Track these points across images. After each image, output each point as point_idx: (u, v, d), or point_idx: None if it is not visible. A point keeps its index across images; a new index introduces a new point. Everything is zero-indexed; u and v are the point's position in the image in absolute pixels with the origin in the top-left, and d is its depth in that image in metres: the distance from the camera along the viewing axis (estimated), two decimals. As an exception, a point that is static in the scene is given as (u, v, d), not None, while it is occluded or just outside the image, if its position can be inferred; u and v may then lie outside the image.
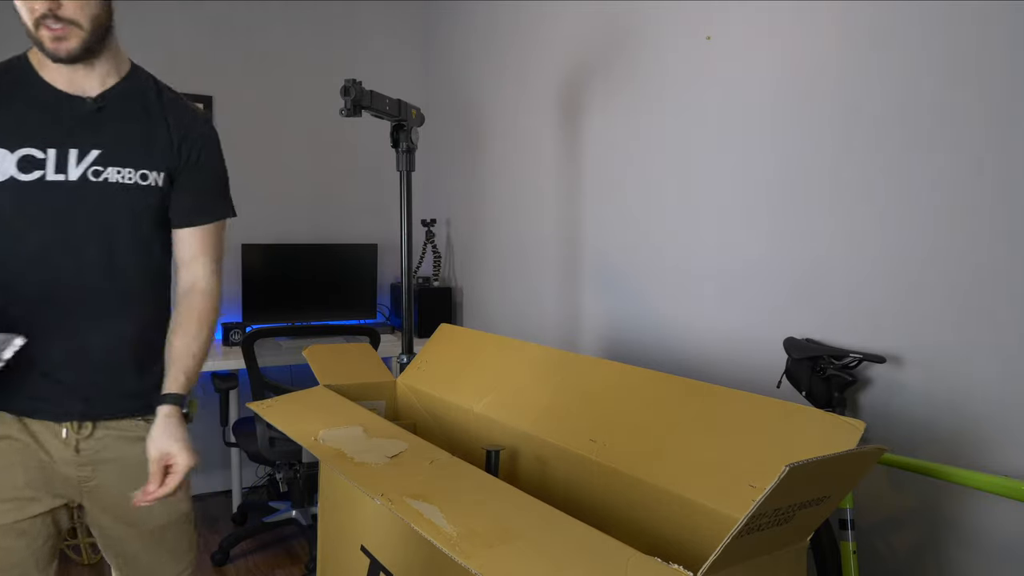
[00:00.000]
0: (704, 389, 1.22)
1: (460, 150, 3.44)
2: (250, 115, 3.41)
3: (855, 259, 1.68)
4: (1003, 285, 1.42)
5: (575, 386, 1.43)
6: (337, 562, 1.55)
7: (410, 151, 2.17)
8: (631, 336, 2.38)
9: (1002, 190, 1.41)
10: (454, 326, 1.85)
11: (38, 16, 1.18)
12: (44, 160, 1.24)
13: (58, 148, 1.25)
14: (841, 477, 0.87)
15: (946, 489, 1.52)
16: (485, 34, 3.21)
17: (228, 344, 3.10)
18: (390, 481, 1.11)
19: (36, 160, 1.23)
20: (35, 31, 1.19)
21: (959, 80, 1.48)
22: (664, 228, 2.24)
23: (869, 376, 1.65)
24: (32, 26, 1.19)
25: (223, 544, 2.76)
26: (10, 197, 1.22)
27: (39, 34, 1.19)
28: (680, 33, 2.15)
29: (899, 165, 1.59)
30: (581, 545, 0.90)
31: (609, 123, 2.45)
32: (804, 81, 1.80)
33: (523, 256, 2.97)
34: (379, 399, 1.77)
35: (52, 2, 1.17)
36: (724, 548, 0.76)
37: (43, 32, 1.19)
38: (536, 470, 1.41)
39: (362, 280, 3.52)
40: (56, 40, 1.19)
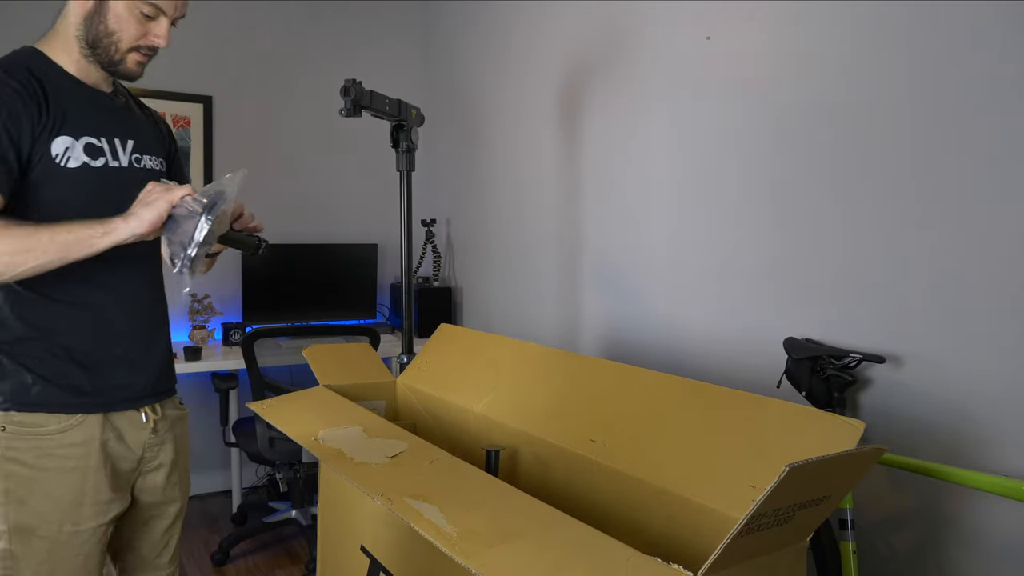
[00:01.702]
0: (704, 389, 1.22)
1: (460, 150, 3.44)
2: (250, 115, 3.40)
3: (855, 259, 1.68)
4: (1003, 285, 1.42)
5: (575, 386, 1.43)
6: (337, 562, 1.55)
7: (410, 151, 2.17)
8: (631, 336, 2.38)
9: (1002, 190, 1.41)
10: (454, 326, 1.85)
11: (141, 44, 1.30)
12: (102, 147, 1.31)
13: (107, 136, 1.32)
14: (841, 477, 0.87)
15: (946, 489, 1.52)
16: (485, 34, 3.21)
17: (228, 344, 3.10)
18: (390, 481, 1.11)
19: (96, 147, 1.30)
20: (124, 52, 1.29)
21: (959, 79, 1.48)
22: (664, 228, 2.24)
23: (869, 376, 1.65)
24: (124, 48, 1.29)
25: (223, 544, 2.76)
26: (84, 182, 1.28)
27: (127, 55, 1.30)
28: (680, 33, 2.15)
29: (900, 165, 1.59)
30: (581, 545, 0.90)
31: (609, 123, 2.45)
32: (804, 81, 1.79)
33: (523, 256, 2.97)
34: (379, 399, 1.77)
35: (164, 40, 1.31)
36: (724, 548, 0.76)
37: (133, 56, 1.30)
38: (536, 470, 1.41)
39: (362, 280, 3.52)
40: (140, 65, 1.33)
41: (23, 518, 1.26)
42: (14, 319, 1.27)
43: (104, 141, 1.31)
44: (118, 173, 1.33)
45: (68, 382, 1.29)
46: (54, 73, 1.28)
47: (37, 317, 1.28)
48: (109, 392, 1.33)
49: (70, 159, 1.26)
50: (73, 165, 1.27)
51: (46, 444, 1.27)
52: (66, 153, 1.26)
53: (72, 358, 1.30)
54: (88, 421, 1.30)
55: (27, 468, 1.26)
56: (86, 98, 1.31)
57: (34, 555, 1.27)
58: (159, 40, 1.31)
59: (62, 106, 1.26)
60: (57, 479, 1.28)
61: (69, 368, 1.29)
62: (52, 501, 1.27)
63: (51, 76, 1.28)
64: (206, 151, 3.30)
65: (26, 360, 1.27)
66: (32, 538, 1.27)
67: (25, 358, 1.27)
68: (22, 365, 1.27)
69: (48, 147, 1.24)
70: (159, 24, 1.30)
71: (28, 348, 1.27)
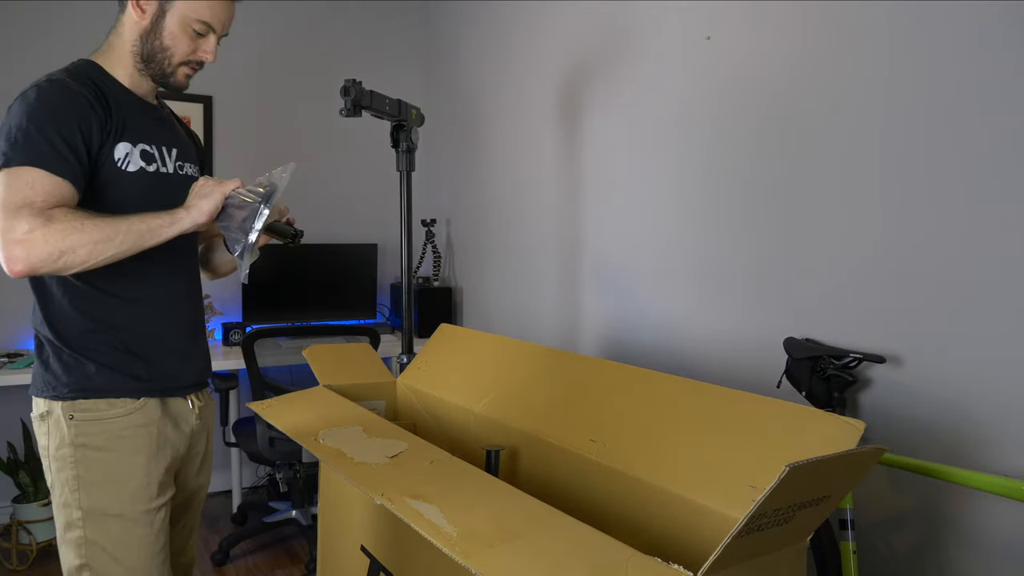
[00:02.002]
0: (704, 389, 1.22)
1: (460, 150, 3.44)
2: (250, 115, 3.40)
3: (855, 259, 1.68)
4: (1003, 285, 1.42)
5: (575, 386, 1.43)
6: (337, 562, 1.55)
7: (410, 151, 2.17)
8: (631, 336, 2.38)
9: (1003, 190, 1.41)
10: (454, 326, 1.85)
11: (191, 59, 1.40)
12: (154, 154, 1.41)
13: (157, 144, 1.42)
14: (841, 477, 0.87)
15: (946, 489, 1.52)
16: (485, 34, 3.21)
17: (228, 344, 3.10)
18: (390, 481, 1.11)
19: (149, 153, 1.40)
20: (175, 66, 1.40)
21: (961, 79, 1.48)
22: (664, 228, 2.24)
23: (869, 376, 1.65)
24: (176, 62, 1.39)
25: (223, 544, 2.76)
26: (140, 185, 1.37)
27: (177, 69, 1.40)
28: (680, 33, 2.15)
29: (900, 165, 1.59)
30: (581, 545, 0.90)
31: (609, 123, 2.45)
32: (804, 81, 1.80)
33: (523, 256, 2.96)
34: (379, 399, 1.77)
35: (212, 55, 1.42)
36: (724, 548, 0.76)
37: (183, 69, 1.41)
38: (536, 470, 1.41)
39: (362, 280, 3.52)
40: (188, 78, 1.43)
41: (96, 502, 1.34)
42: (76, 313, 1.35)
43: (155, 148, 1.41)
44: (167, 179, 1.42)
45: (129, 371, 1.38)
46: (112, 84, 1.37)
47: (96, 311, 1.36)
48: (163, 380, 1.43)
49: (129, 163, 1.36)
50: (132, 169, 1.36)
51: (115, 427, 1.36)
52: (126, 158, 1.35)
53: (129, 349, 1.38)
54: (150, 404, 1.40)
55: (99, 452, 1.35)
56: (139, 108, 1.40)
57: (110, 535, 1.35)
58: (207, 55, 1.42)
59: (121, 114, 1.35)
60: (128, 460, 1.37)
61: (127, 358, 1.38)
62: (124, 481, 1.36)
63: (110, 87, 1.36)
64: (206, 151, 3.30)
65: (89, 352, 1.35)
66: (106, 519, 1.35)
67: (87, 350, 1.35)
68: (86, 356, 1.35)
69: (112, 151, 1.33)
70: (208, 41, 1.41)
71: (89, 340, 1.35)
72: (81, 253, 1.21)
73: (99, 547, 1.34)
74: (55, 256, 1.20)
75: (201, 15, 1.37)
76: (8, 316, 2.99)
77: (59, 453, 1.34)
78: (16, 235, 1.18)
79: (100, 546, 1.34)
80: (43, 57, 3.00)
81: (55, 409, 1.34)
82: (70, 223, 1.21)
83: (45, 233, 1.18)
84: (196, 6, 1.36)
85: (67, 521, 1.35)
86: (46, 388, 1.35)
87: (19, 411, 2.96)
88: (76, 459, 1.33)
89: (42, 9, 3.00)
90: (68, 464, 1.34)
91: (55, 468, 1.35)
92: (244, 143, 3.38)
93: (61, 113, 1.26)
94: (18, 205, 1.19)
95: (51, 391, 1.35)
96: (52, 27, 3.02)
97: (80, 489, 1.34)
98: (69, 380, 1.34)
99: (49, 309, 1.35)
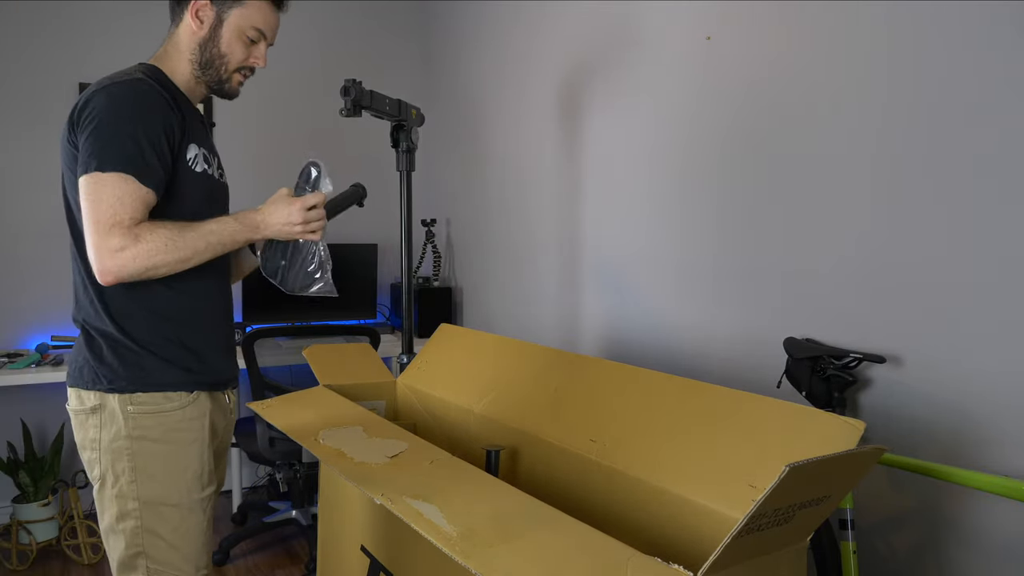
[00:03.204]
0: (704, 389, 1.22)
1: (460, 150, 3.44)
2: (250, 115, 3.40)
3: (856, 259, 1.68)
4: (1004, 285, 1.42)
5: (575, 386, 1.43)
6: (337, 562, 1.55)
7: (410, 151, 2.17)
8: (631, 336, 2.38)
9: (1003, 190, 1.41)
10: (454, 326, 1.85)
11: (244, 66, 1.49)
12: (209, 157, 1.48)
13: (207, 149, 1.48)
14: (841, 477, 0.87)
15: (946, 489, 1.52)
16: (485, 34, 3.21)
17: (228, 344, 3.10)
18: (390, 481, 1.11)
19: (207, 156, 1.47)
20: (230, 73, 1.48)
21: (959, 79, 1.48)
22: (664, 228, 2.24)
23: (869, 376, 1.65)
24: (232, 68, 1.47)
25: (223, 544, 2.76)
26: (204, 187, 1.44)
27: (232, 76, 1.48)
28: (680, 33, 2.15)
29: (900, 165, 1.59)
30: (581, 545, 0.90)
31: (609, 123, 2.45)
32: (804, 80, 1.80)
33: (523, 256, 2.97)
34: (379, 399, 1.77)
35: (263, 61, 1.52)
36: (724, 548, 0.76)
37: (236, 76, 1.50)
38: (536, 470, 1.41)
39: (362, 280, 3.52)
40: (240, 84, 1.52)
41: (153, 492, 1.39)
42: (136, 307, 1.39)
43: (208, 152, 1.48)
44: (216, 183, 1.50)
45: (184, 364, 1.42)
46: (174, 88, 1.44)
47: (158, 304, 1.40)
48: (212, 374, 1.47)
49: (197, 163, 1.42)
50: (199, 170, 1.43)
51: (171, 419, 1.40)
52: (195, 159, 1.42)
53: (184, 343, 1.42)
54: (202, 397, 1.45)
55: (156, 443, 1.39)
56: (194, 114, 1.47)
57: (167, 524, 1.40)
58: (259, 61, 1.51)
59: (188, 116, 1.42)
60: (184, 451, 1.41)
61: (183, 352, 1.42)
62: (180, 471, 1.41)
63: (173, 90, 1.43)
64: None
65: (149, 345, 1.39)
66: (163, 508, 1.39)
67: (147, 343, 1.39)
68: (146, 349, 1.39)
69: (186, 150, 1.40)
70: (259, 47, 1.50)
71: (149, 333, 1.40)
72: (164, 270, 1.32)
73: (157, 535, 1.39)
74: (142, 272, 1.30)
75: (255, 23, 1.47)
76: (8, 316, 2.99)
77: (115, 445, 1.37)
78: (109, 251, 1.27)
79: (158, 534, 1.39)
80: (42, 56, 3.00)
81: (109, 402, 1.37)
82: (156, 243, 1.29)
83: (135, 252, 1.28)
84: (251, 15, 1.46)
85: (121, 511, 1.39)
86: (98, 381, 1.37)
87: (19, 411, 2.96)
88: (133, 451, 1.37)
89: (42, 9, 3.00)
90: (124, 456, 1.37)
91: (108, 460, 1.38)
92: (244, 143, 3.38)
93: (148, 114, 1.32)
94: (110, 223, 1.27)
95: (106, 384, 1.37)
96: (50, 26, 3.02)
97: (137, 480, 1.38)
98: (127, 373, 1.37)
99: (108, 302, 1.38)
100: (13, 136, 2.96)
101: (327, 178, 1.52)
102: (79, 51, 3.04)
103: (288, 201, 1.45)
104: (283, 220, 1.43)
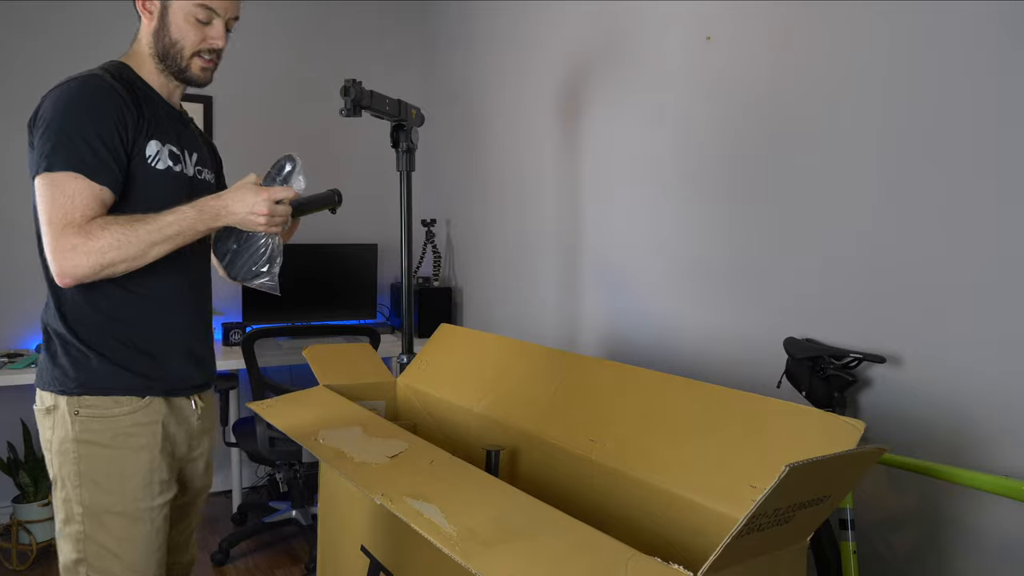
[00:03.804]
0: (704, 389, 1.22)
1: (460, 150, 3.44)
2: (250, 115, 3.40)
3: (856, 259, 1.68)
4: (1004, 285, 1.42)
5: (575, 386, 1.43)
6: (337, 562, 1.55)
7: (410, 151, 2.17)
8: (631, 336, 2.38)
9: (1002, 190, 1.41)
10: (454, 326, 1.85)
11: (202, 48, 1.42)
12: (179, 155, 1.44)
13: (179, 146, 1.45)
14: (841, 477, 0.87)
15: (946, 489, 1.52)
16: (485, 34, 3.21)
17: (228, 344, 3.10)
18: (390, 481, 1.11)
19: (175, 154, 1.43)
20: (188, 58, 1.42)
21: (959, 79, 1.48)
22: (664, 228, 2.24)
23: (869, 376, 1.65)
24: (189, 54, 1.41)
25: (223, 544, 2.76)
26: (167, 183, 1.40)
27: (191, 61, 1.42)
28: (680, 33, 2.15)
29: (900, 165, 1.59)
30: (581, 545, 0.90)
31: (609, 123, 2.45)
32: (804, 80, 1.79)
33: (523, 256, 2.97)
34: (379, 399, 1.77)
35: (224, 41, 1.44)
36: (724, 548, 0.76)
37: (197, 61, 1.43)
38: (536, 470, 1.41)
39: (362, 280, 3.52)
40: (204, 70, 1.45)
41: (96, 498, 1.35)
42: (88, 307, 1.36)
43: (180, 150, 1.45)
44: (188, 180, 1.46)
45: (136, 368, 1.38)
46: (141, 85, 1.41)
47: (108, 305, 1.37)
48: (170, 380, 1.43)
49: (159, 161, 1.39)
50: (161, 167, 1.39)
51: (120, 424, 1.36)
52: (157, 155, 1.38)
53: (138, 346, 1.39)
54: (155, 403, 1.40)
55: (103, 448, 1.35)
56: (166, 110, 1.44)
57: (110, 532, 1.35)
58: (216, 41, 1.43)
59: (151, 113, 1.39)
60: (132, 457, 1.37)
61: (136, 355, 1.39)
62: (127, 478, 1.36)
63: (140, 86, 1.41)
64: (206, 151, 3.30)
65: (98, 347, 1.36)
66: (106, 516, 1.35)
67: (97, 345, 1.36)
68: (95, 352, 1.36)
69: (144, 147, 1.36)
70: (214, 27, 1.43)
71: (99, 335, 1.36)
72: (122, 267, 1.28)
73: (97, 543, 1.35)
74: (97, 269, 1.26)
75: (201, 1, 1.40)
76: (8, 316, 2.99)
77: (62, 448, 1.35)
78: (63, 252, 1.25)
79: (99, 542, 1.35)
80: (43, 56, 3.01)
81: (61, 404, 1.35)
82: (108, 239, 1.26)
83: (87, 249, 1.25)
84: None
85: (67, 515, 1.36)
86: (53, 382, 1.36)
87: (19, 411, 2.96)
88: (79, 455, 1.34)
89: (43, 9, 3.00)
90: (70, 459, 1.34)
91: (57, 463, 1.36)
92: (244, 143, 3.37)
93: (101, 111, 1.29)
94: (62, 223, 1.25)
95: (58, 385, 1.35)
96: (49, 26, 3.02)
97: (82, 485, 1.34)
98: (77, 375, 1.35)
99: (62, 302, 1.36)
100: (13, 136, 2.96)
101: (301, 175, 1.42)
102: (79, 51, 3.04)
103: (255, 190, 1.35)
104: (247, 209, 1.34)
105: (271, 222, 1.37)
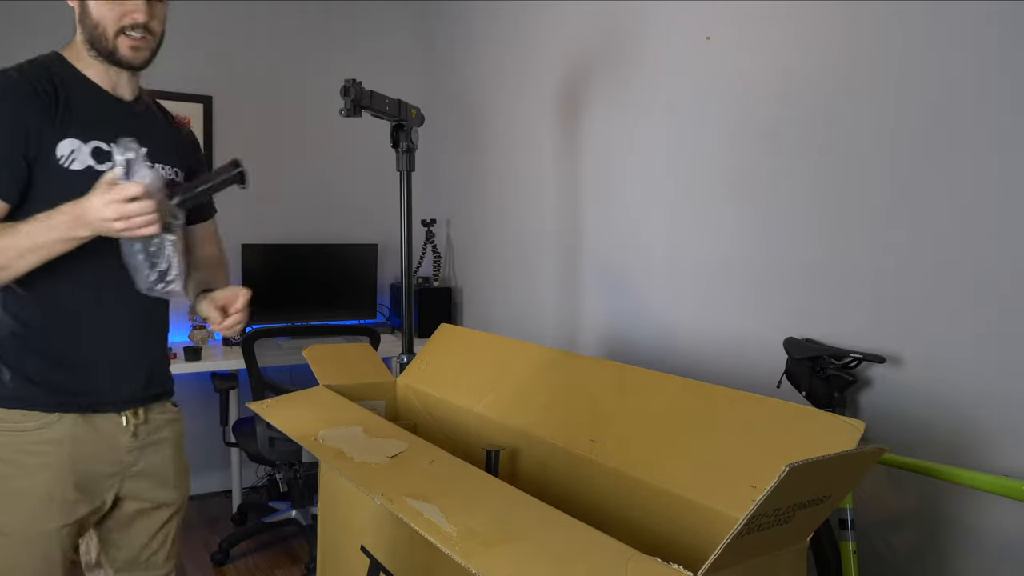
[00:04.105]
0: (704, 389, 1.22)
1: (460, 150, 3.44)
2: (250, 115, 3.40)
3: (855, 259, 1.68)
4: (1003, 285, 1.42)
5: (575, 386, 1.43)
6: (337, 562, 1.55)
7: (410, 151, 2.17)
8: (631, 336, 2.38)
9: (1003, 190, 1.41)
10: (454, 326, 1.85)
11: (125, 25, 1.28)
12: (111, 152, 1.30)
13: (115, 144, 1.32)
14: (841, 477, 0.87)
15: (946, 489, 1.52)
16: (485, 34, 3.21)
17: (228, 344, 3.10)
18: (390, 481, 1.11)
19: (104, 152, 1.30)
20: (113, 38, 1.29)
21: (960, 78, 1.48)
22: (664, 227, 2.24)
23: (869, 376, 1.65)
24: (112, 33, 1.28)
25: (223, 544, 2.76)
26: (86, 185, 1.24)
27: (117, 41, 1.29)
28: (680, 33, 2.15)
29: (900, 166, 1.59)
30: (581, 545, 0.90)
31: (609, 123, 2.45)
32: (803, 81, 1.79)
33: (523, 256, 2.96)
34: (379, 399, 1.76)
35: (146, 15, 1.28)
36: (724, 548, 0.76)
37: (123, 40, 1.29)
38: (536, 470, 1.41)
39: (362, 280, 3.52)
40: (134, 50, 1.30)
41: None
42: (5, 316, 1.28)
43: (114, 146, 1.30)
44: None
45: (49, 382, 1.28)
46: (72, 77, 1.31)
47: (24, 314, 1.28)
48: (89, 395, 1.32)
49: (74, 161, 1.27)
50: (77, 168, 1.27)
51: (22, 440, 1.27)
52: (71, 155, 1.27)
53: (54, 359, 1.29)
54: (65, 420, 1.30)
55: (1, 464, 1.26)
56: (102, 103, 1.33)
57: None
58: (136, 15, 1.28)
59: (74, 109, 1.28)
60: (31, 476, 1.27)
61: (51, 368, 1.29)
62: (23, 498, 1.26)
63: (68, 80, 1.30)
64: (206, 151, 3.30)
65: (7, 357, 1.28)
66: None
67: (7, 355, 1.28)
68: (4, 363, 1.27)
69: (53, 148, 1.25)
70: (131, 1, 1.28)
71: (11, 345, 1.28)
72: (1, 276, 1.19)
73: None
74: None
75: None
76: None
77: None
78: None
79: None
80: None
81: None
82: None
83: None
84: None
85: None
86: None
87: None
88: None
89: (43, 9, 3.00)
90: None
91: None
92: (244, 143, 3.38)
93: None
94: None
95: None
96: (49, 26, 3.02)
97: None
98: None
99: None
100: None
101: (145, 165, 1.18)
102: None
103: (101, 191, 1.15)
104: (97, 215, 1.15)
105: (129, 224, 1.14)
